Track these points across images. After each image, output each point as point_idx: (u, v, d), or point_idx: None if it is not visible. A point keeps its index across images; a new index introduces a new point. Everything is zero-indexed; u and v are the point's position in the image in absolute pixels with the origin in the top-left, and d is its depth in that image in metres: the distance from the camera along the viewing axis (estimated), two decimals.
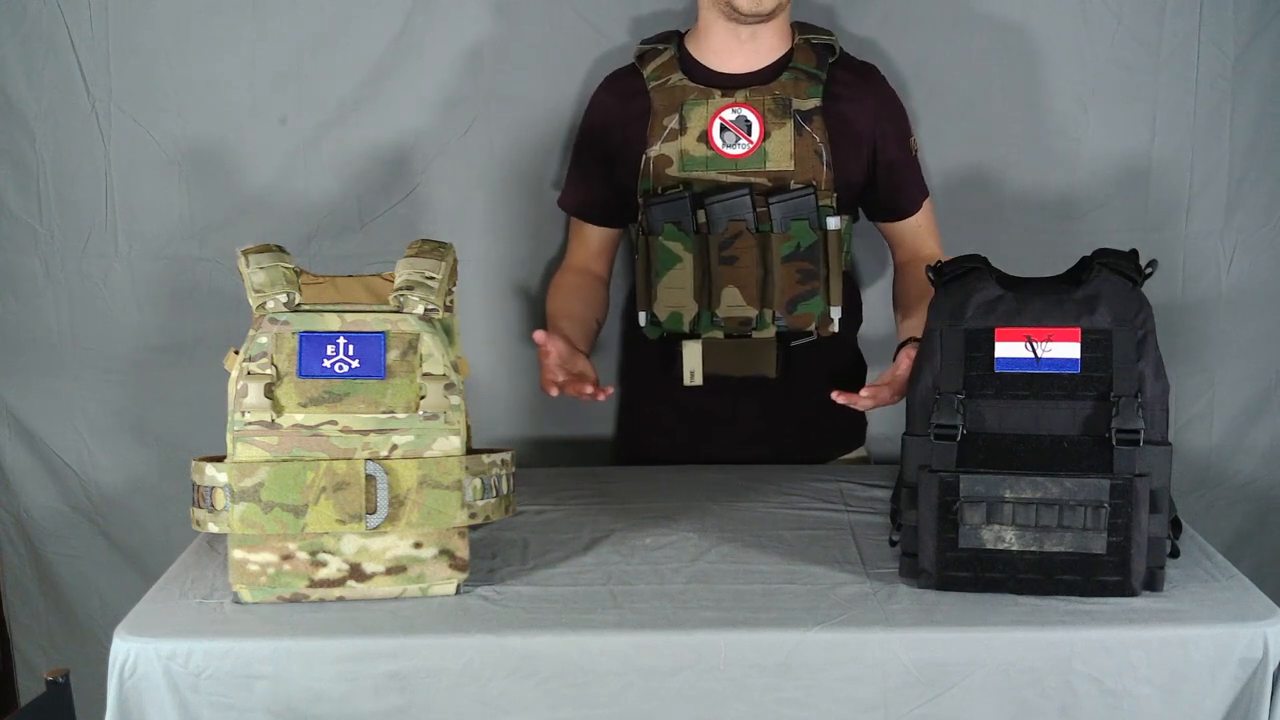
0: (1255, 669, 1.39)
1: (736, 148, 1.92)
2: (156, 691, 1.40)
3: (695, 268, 1.91)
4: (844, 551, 1.61)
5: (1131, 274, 1.51)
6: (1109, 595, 1.44)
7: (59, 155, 2.16)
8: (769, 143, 1.91)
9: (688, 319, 1.93)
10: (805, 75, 1.93)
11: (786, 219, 1.89)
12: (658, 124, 1.94)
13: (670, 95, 1.95)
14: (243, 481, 1.44)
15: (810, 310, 1.91)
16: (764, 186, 1.91)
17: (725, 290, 1.91)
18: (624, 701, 1.41)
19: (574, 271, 2.09)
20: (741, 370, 1.96)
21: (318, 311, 1.48)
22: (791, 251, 1.89)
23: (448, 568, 1.49)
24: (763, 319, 1.92)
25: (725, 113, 1.92)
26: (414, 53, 2.13)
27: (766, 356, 1.95)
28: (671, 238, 1.90)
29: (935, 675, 1.40)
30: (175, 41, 2.11)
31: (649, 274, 1.93)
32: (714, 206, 1.89)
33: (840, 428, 2.12)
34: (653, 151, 1.94)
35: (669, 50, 1.99)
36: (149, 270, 2.19)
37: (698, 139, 1.93)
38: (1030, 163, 2.17)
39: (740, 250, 1.90)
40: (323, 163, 2.16)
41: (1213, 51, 2.11)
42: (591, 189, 2.05)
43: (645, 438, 2.14)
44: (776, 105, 1.91)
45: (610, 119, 2.01)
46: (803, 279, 1.90)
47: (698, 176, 1.93)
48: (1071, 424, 1.46)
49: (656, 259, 1.92)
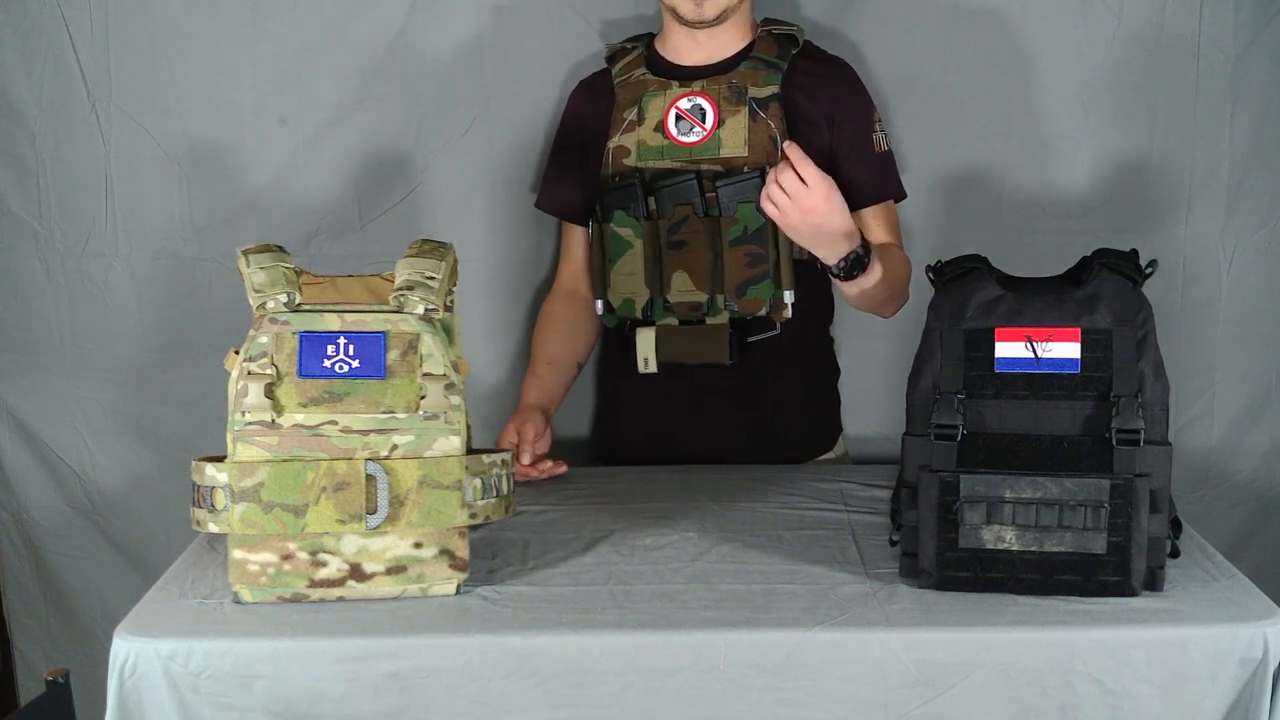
0: (1255, 669, 1.39)
1: (690, 135, 1.94)
2: (156, 691, 1.40)
3: (646, 253, 1.93)
4: (844, 551, 1.61)
5: (1131, 274, 1.50)
6: (1109, 595, 1.44)
7: (59, 155, 2.16)
8: (723, 130, 1.92)
9: (640, 305, 1.95)
10: (764, 64, 1.94)
11: (733, 202, 1.90)
12: (618, 116, 1.98)
13: (632, 89, 1.98)
14: (243, 481, 1.44)
15: (760, 295, 1.92)
16: (715, 172, 1.92)
17: (675, 275, 1.93)
18: (624, 701, 1.41)
19: (563, 298, 2.11)
20: (695, 357, 1.97)
21: (318, 311, 1.47)
22: (739, 235, 1.90)
23: (448, 568, 1.49)
24: (714, 304, 1.94)
25: (681, 102, 1.94)
26: (414, 53, 2.13)
27: (719, 343, 1.96)
28: (622, 224, 1.93)
29: (935, 675, 1.40)
30: (175, 41, 2.11)
31: (603, 261, 1.96)
32: (661, 191, 1.92)
33: (812, 427, 2.11)
34: (612, 143, 1.97)
35: (638, 49, 2.03)
36: (149, 270, 2.19)
37: (654, 129, 1.95)
38: (1030, 163, 2.16)
39: (688, 235, 1.91)
40: (323, 163, 2.16)
41: (1213, 51, 2.11)
42: (572, 188, 2.06)
43: (612, 429, 2.15)
44: (731, 93, 1.93)
45: (583, 117, 2.04)
46: (751, 263, 1.91)
47: (652, 165, 1.95)
48: (1071, 424, 1.46)
49: (609, 246, 1.95)
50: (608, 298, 1.98)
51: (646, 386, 2.01)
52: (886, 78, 2.13)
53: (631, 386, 2.04)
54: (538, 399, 2.01)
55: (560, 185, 2.08)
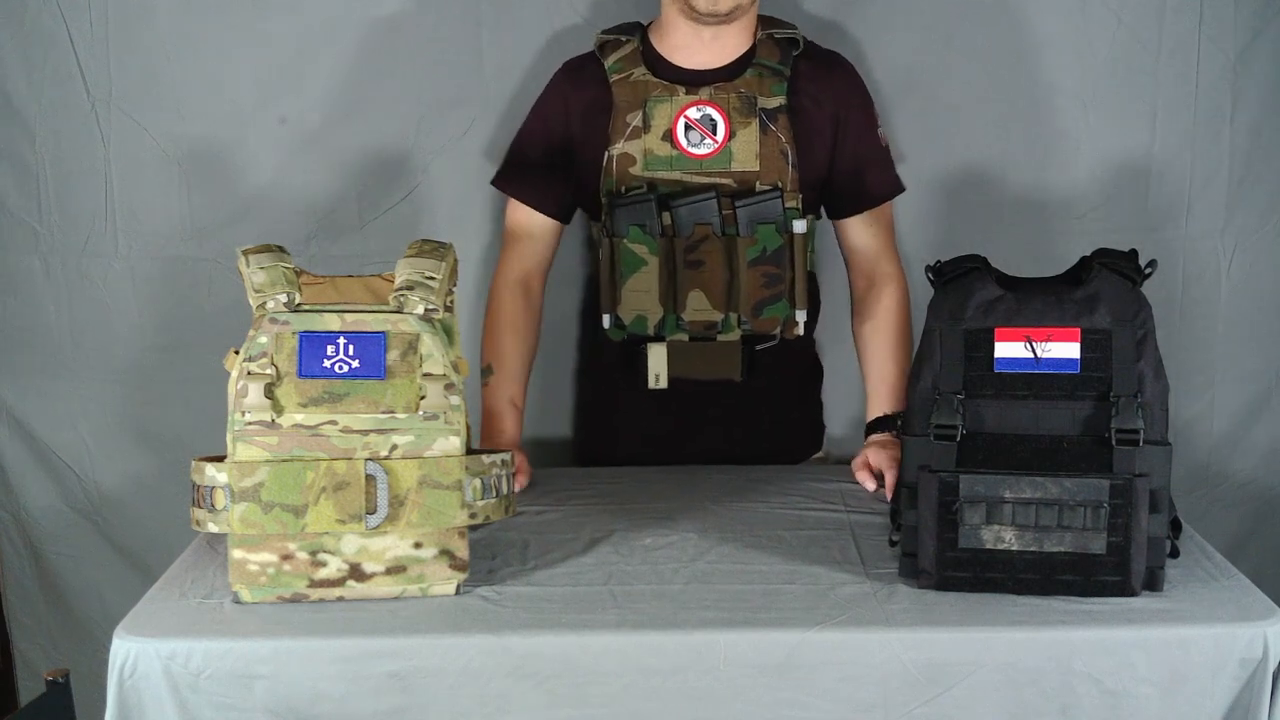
0: (1255, 669, 1.39)
1: (701, 147, 1.91)
2: (156, 691, 1.40)
3: (661, 271, 1.90)
4: (844, 551, 1.61)
5: (1131, 274, 1.51)
6: (1109, 595, 1.44)
7: (59, 155, 2.16)
8: (734, 142, 1.90)
9: (652, 322, 1.92)
10: (769, 71, 1.92)
11: (753, 223, 1.88)
12: (620, 121, 1.92)
13: (633, 90, 1.93)
14: (243, 481, 1.44)
15: (776, 314, 1.91)
16: (729, 188, 1.90)
17: (691, 294, 1.90)
18: (624, 701, 1.41)
19: (513, 289, 2.01)
20: (707, 373, 1.96)
21: (318, 311, 1.48)
22: (758, 256, 1.89)
23: (448, 568, 1.49)
24: (728, 322, 1.92)
25: (690, 111, 1.91)
26: (414, 53, 2.13)
27: (732, 359, 1.96)
28: (636, 240, 1.89)
29: (935, 675, 1.40)
30: (175, 41, 2.11)
31: (614, 277, 1.91)
32: (680, 210, 1.88)
33: (801, 430, 2.12)
34: (616, 150, 1.92)
35: (632, 42, 1.96)
36: (149, 270, 2.19)
37: (661, 137, 1.91)
38: (1030, 163, 2.17)
39: (706, 254, 1.89)
40: (323, 163, 2.16)
41: (1213, 51, 2.11)
42: (550, 178, 1.99)
43: (607, 438, 2.11)
44: (742, 104, 1.90)
45: (570, 106, 1.97)
46: (768, 283, 1.90)
47: (662, 176, 1.91)
48: (1071, 424, 1.46)
49: (621, 262, 1.90)
50: (618, 313, 1.93)
51: (648, 398, 1.99)
52: (887, 77, 2.13)
53: (634, 399, 2.01)
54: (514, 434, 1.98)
55: (540, 176, 1.99)
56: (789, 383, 2.06)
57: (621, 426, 2.08)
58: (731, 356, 1.95)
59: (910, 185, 2.07)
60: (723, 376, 1.96)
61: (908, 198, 2.08)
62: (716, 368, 1.96)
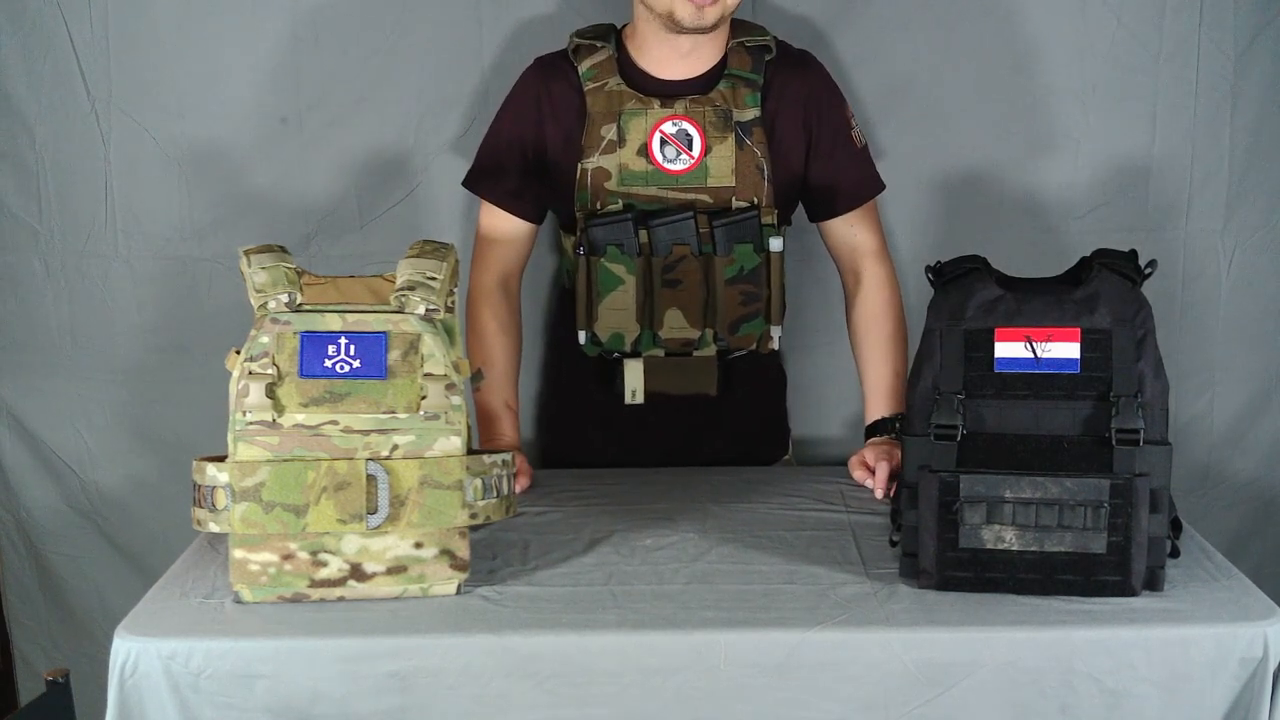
0: (1255, 669, 1.39)
1: (677, 163, 1.89)
2: (157, 691, 1.40)
3: (638, 290, 1.89)
4: (844, 552, 1.62)
5: (1131, 274, 1.51)
6: (1109, 595, 1.44)
7: (59, 155, 2.16)
8: (710, 158, 1.89)
9: (629, 340, 1.92)
10: (743, 81, 1.90)
11: (730, 242, 1.88)
12: (594, 133, 1.90)
13: (607, 101, 1.90)
14: (244, 481, 1.44)
15: (752, 331, 1.92)
16: (706, 205, 1.89)
17: (668, 312, 1.90)
18: (624, 701, 1.41)
19: (494, 293, 1.99)
20: (683, 388, 1.96)
21: (319, 311, 1.48)
22: (735, 274, 1.89)
23: (448, 568, 1.49)
24: (705, 339, 1.92)
25: (665, 125, 1.89)
26: (414, 53, 2.13)
27: (708, 375, 1.96)
28: (614, 260, 1.88)
29: (935, 675, 1.40)
30: (175, 41, 2.11)
31: (590, 294, 1.90)
32: (658, 230, 1.88)
33: (768, 437, 2.13)
34: (590, 163, 1.90)
35: (607, 49, 1.93)
36: (149, 270, 2.19)
37: (637, 152, 1.90)
38: (1030, 163, 2.16)
39: (684, 273, 1.89)
40: (323, 163, 2.16)
41: (1213, 51, 2.11)
42: (523, 181, 1.97)
43: (577, 449, 2.09)
44: (717, 117, 1.89)
45: (542, 106, 1.94)
46: (745, 301, 1.90)
47: (638, 192, 1.90)
48: (1071, 424, 1.46)
49: (598, 281, 1.90)
50: (594, 331, 1.92)
51: (623, 411, 1.98)
52: (886, 77, 2.13)
53: (607, 413, 2.01)
54: (513, 436, 1.98)
55: (513, 175, 1.96)
56: (759, 393, 2.07)
57: (591, 437, 2.07)
58: (708, 372, 1.96)
59: (910, 186, 2.07)
60: (699, 391, 1.97)
61: (908, 199, 2.08)
62: (693, 383, 1.96)
